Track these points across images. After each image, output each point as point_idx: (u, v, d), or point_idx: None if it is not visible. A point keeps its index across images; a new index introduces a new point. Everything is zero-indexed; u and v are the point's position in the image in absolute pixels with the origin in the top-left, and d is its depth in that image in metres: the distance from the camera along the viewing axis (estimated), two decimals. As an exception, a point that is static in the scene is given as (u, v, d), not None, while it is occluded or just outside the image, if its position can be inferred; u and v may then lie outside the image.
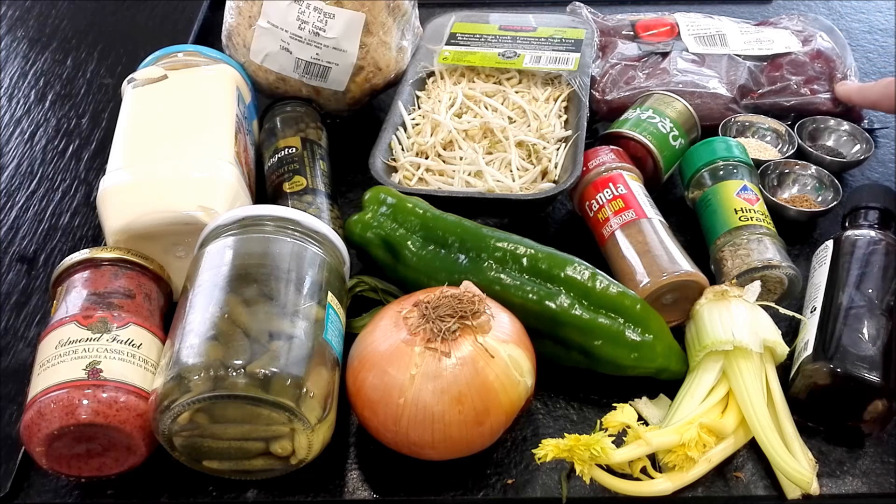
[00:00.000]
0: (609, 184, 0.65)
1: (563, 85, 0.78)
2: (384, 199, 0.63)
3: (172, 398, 0.48)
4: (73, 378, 0.49)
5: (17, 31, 0.99)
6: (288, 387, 0.48)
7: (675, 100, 0.74)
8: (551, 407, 0.58)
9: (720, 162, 0.67)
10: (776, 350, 0.55)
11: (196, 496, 0.53)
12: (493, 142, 0.72)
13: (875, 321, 0.54)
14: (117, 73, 0.91)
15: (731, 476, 0.53)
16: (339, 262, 0.58)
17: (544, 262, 0.57)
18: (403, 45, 0.78)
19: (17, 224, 0.74)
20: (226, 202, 0.60)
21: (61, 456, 0.50)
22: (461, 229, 0.60)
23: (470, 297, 0.51)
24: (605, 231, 0.63)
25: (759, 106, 0.79)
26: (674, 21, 0.87)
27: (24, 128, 0.84)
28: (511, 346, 0.51)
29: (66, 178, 0.78)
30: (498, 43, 0.82)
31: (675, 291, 0.59)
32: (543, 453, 0.49)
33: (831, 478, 0.53)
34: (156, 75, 0.70)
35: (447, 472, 0.54)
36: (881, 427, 0.53)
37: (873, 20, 0.97)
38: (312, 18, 0.71)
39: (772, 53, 0.83)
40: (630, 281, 0.59)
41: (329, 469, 0.54)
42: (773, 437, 0.51)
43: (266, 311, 0.51)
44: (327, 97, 0.76)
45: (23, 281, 0.68)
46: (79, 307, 0.54)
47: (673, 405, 0.54)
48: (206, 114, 0.67)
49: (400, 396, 0.49)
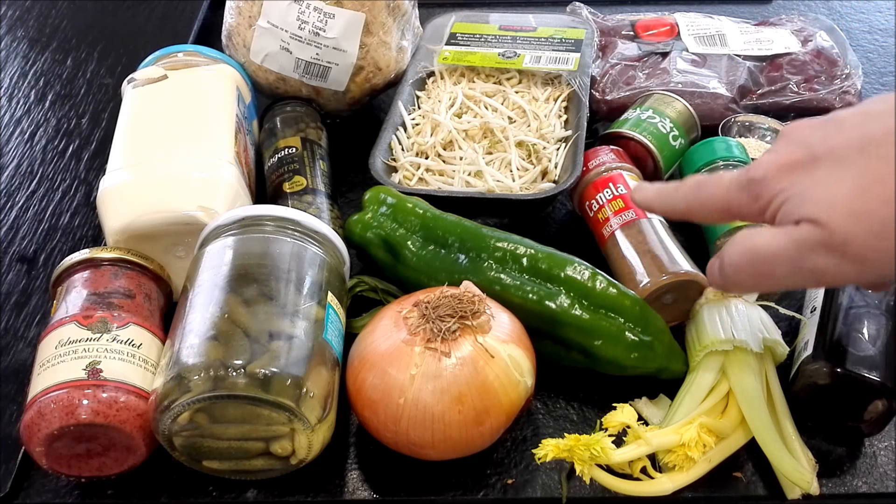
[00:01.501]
0: (609, 184, 0.65)
1: (563, 85, 0.78)
2: (384, 199, 0.63)
3: (172, 398, 0.48)
4: (73, 378, 0.49)
5: (17, 31, 0.99)
6: (288, 387, 0.48)
7: (675, 100, 0.74)
8: (551, 407, 0.58)
9: (720, 162, 0.67)
10: (776, 350, 0.55)
11: (196, 496, 0.53)
12: (493, 142, 0.72)
13: (875, 321, 0.54)
14: (117, 73, 0.91)
15: (731, 476, 0.53)
16: (339, 262, 0.58)
17: (544, 262, 0.57)
18: (403, 45, 0.78)
19: (17, 224, 0.74)
20: (226, 202, 0.60)
21: (61, 456, 0.50)
22: (461, 229, 0.60)
23: (470, 297, 0.51)
24: (605, 231, 0.63)
25: (759, 106, 0.79)
26: (674, 21, 0.87)
27: (24, 128, 0.84)
28: (511, 346, 0.51)
29: (66, 178, 0.78)
30: (498, 43, 0.82)
31: (675, 291, 0.59)
32: (543, 453, 0.49)
33: (831, 478, 0.53)
34: (156, 75, 0.70)
35: (447, 472, 0.54)
36: (881, 427, 0.53)
37: (873, 20, 0.97)
38: (312, 18, 0.71)
39: (772, 53, 0.83)
40: (630, 281, 0.59)
41: (329, 469, 0.54)
42: (773, 437, 0.51)
43: (266, 311, 0.51)
44: (327, 97, 0.76)
45: (23, 281, 0.68)
46: (79, 307, 0.54)
47: (673, 405, 0.54)
48: (206, 114, 0.67)
49: (400, 396, 0.49)
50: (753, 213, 0.45)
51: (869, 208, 0.39)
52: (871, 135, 0.41)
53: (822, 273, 0.42)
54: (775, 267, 0.43)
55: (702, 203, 0.48)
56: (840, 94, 0.79)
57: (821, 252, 0.41)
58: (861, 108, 0.43)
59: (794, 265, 0.42)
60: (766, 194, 0.44)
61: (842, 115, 0.43)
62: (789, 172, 0.43)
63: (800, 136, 0.43)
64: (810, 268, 0.42)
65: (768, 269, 0.44)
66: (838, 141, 0.42)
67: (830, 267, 0.41)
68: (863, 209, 0.40)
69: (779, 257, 0.43)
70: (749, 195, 0.45)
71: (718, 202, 0.47)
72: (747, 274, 0.45)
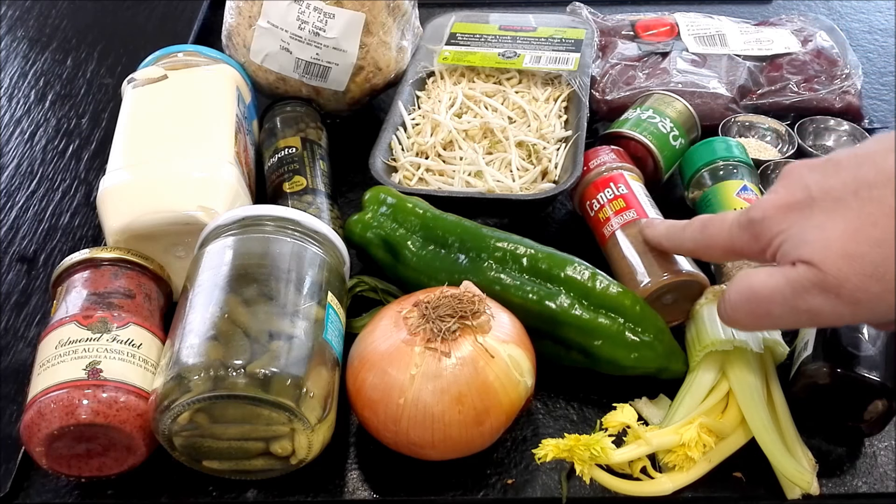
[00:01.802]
0: (610, 183, 0.65)
1: (563, 85, 0.78)
2: (384, 199, 0.63)
3: (172, 398, 0.48)
4: (73, 378, 0.49)
5: (17, 31, 0.99)
6: (288, 387, 0.48)
7: (676, 99, 0.74)
8: (551, 407, 0.58)
9: (720, 162, 0.67)
10: (776, 350, 0.55)
11: (196, 496, 0.53)
12: (493, 142, 0.72)
13: (875, 321, 0.55)
14: (117, 73, 0.91)
15: (731, 476, 0.53)
16: (339, 262, 0.58)
17: (544, 262, 0.57)
18: (403, 45, 0.78)
19: (17, 224, 0.74)
20: (226, 202, 0.60)
21: (61, 456, 0.50)
22: (461, 229, 0.60)
23: (470, 297, 0.51)
24: (606, 231, 0.63)
25: (759, 106, 0.79)
26: (674, 21, 0.88)
27: (24, 128, 0.84)
28: (511, 346, 0.51)
29: (66, 178, 0.78)
30: (498, 43, 0.82)
31: (675, 291, 0.59)
32: (543, 453, 0.49)
33: (831, 478, 0.53)
34: (156, 75, 0.70)
35: (447, 472, 0.54)
36: (881, 427, 0.53)
37: (873, 20, 0.97)
38: (312, 18, 0.71)
39: (772, 53, 0.83)
40: (631, 281, 0.59)
41: (329, 469, 0.54)
42: (773, 437, 0.51)
43: (266, 311, 0.51)
44: (327, 97, 0.76)
45: (23, 281, 0.68)
46: (79, 307, 0.54)
47: (673, 405, 0.54)
48: (206, 114, 0.67)
49: (400, 396, 0.49)
50: (755, 253, 0.47)
51: (861, 251, 0.40)
52: (865, 177, 0.41)
53: (818, 314, 0.43)
54: (772, 307, 0.45)
55: (707, 244, 0.51)
56: (840, 93, 0.79)
57: (816, 293, 0.42)
58: (858, 148, 0.44)
59: (790, 305, 0.44)
60: (765, 234, 0.45)
61: (839, 157, 0.44)
62: (787, 213, 0.44)
63: (798, 178, 0.44)
64: (806, 308, 0.43)
65: (765, 310, 0.45)
66: (834, 183, 0.42)
67: (825, 308, 0.42)
68: (855, 251, 0.40)
69: (775, 298, 0.44)
70: (750, 235, 0.47)
71: (722, 242, 0.50)
72: (744, 313, 0.47)
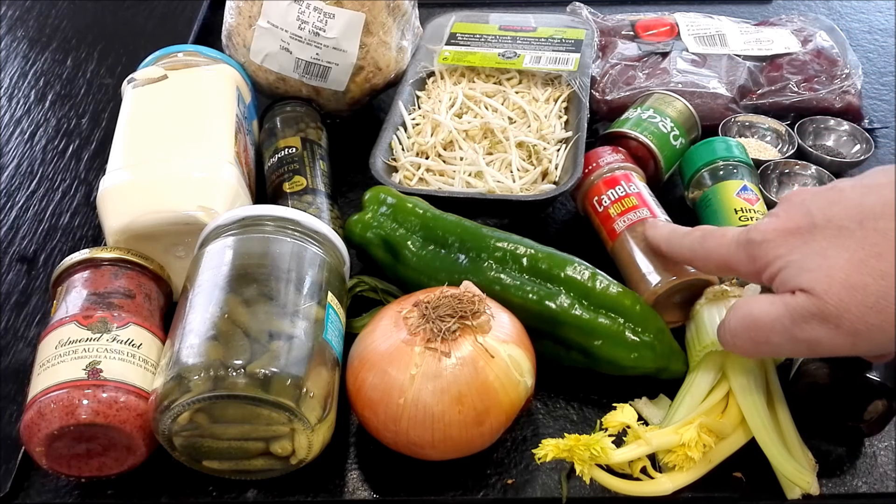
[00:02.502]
0: (621, 181, 0.65)
1: (563, 85, 0.78)
2: (384, 199, 0.63)
3: (172, 398, 0.48)
4: (73, 378, 0.49)
5: (17, 31, 0.99)
6: (288, 387, 0.48)
7: (676, 99, 0.74)
8: (551, 407, 0.58)
9: (720, 162, 0.67)
10: (776, 350, 0.55)
11: (196, 496, 0.53)
12: (493, 142, 0.72)
13: (875, 321, 0.54)
14: (117, 73, 0.91)
15: (731, 476, 0.53)
16: (339, 262, 0.58)
17: (544, 262, 0.57)
18: (403, 45, 0.78)
19: (17, 224, 0.74)
20: (226, 202, 0.60)
21: (61, 456, 0.50)
22: (461, 229, 0.60)
23: (470, 297, 0.51)
24: (617, 227, 0.63)
25: (759, 106, 0.79)
26: (674, 21, 0.88)
27: (24, 128, 0.84)
28: (511, 346, 0.51)
29: (66, 178, 0.78)
30: (498, 43, 0.82)
31: (685, 291, 0.59)
32: (543, 453, 0.49)
33: (831, 478, 0.53)
34: (156, 75, 0.70)
35: (447, 472, 0.54)
36: (881, 427, 0.53)
37: (873, 20, 0.97)
38: (312, 18, 0.71)
39: (772, 53, 0.83)
40: (640, 281, 0.59)
41: (329, 469, 0.54)
42: (773, 437, 0.51)
43: (266, 311, 0.51)
44: (327, 97, 0.76)
45: (23, 281, 0.68)
46: (79, 307, 0.54)
47: (673, 405, 0.54)
48: (206, 114, 0.67)
49: (400, 396, 0.49)
50: (750, 274, 0.47)
51: (864, 282, 0.40)
52: (870, 207, 0.41)
53: (817, 343, 0.43)
54: (771, 335, 0.44)
55: (704, 255, 0.51)
56: (840, 93, 0.79)
57: (815, 323, 0.42)
58: (862, 178, 0.44)
59: (789, 334, 0.43)
60: (763, 257, 0.45)
61: (843, 185, 0.44)
62: (787, 238, 0.44)
63: (800, 203, 0.44)
64: (805, 338, 0.43)
65: (764, 337, 0.45)
66: (838, 211, 0.42)
67: (825, 338, 0.42)
68: (858, 282, 0.40)
69: (775, 326, 0.44)
70: (747, 255, 0.46)
71: (718, 257, 0.49)
72: (745, 339, 0.47)
